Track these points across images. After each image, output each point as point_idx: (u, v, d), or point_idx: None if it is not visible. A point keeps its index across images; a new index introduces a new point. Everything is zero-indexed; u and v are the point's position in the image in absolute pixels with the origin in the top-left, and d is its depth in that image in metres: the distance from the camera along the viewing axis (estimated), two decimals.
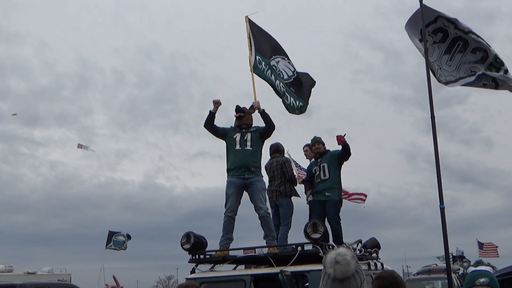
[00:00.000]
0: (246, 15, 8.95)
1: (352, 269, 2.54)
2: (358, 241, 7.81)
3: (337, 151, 8.24)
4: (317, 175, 8.20)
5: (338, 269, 2.53)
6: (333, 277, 2.55)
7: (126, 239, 24.52)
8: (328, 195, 7.99)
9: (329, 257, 2.59)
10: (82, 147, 21.67)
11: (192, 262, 6.99)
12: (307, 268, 6.25)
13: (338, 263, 2.54)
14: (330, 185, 8.05)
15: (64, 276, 21.85)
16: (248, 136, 7.54)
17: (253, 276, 6.35)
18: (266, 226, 7.21)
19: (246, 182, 7.34)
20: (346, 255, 2.55)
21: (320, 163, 8.26)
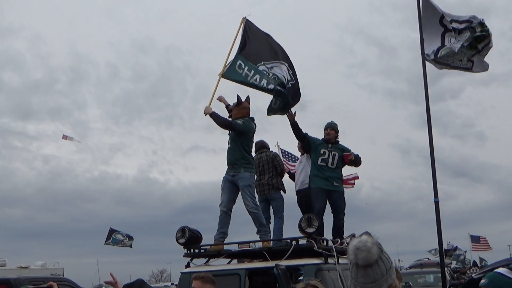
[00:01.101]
0: (244, 16, 8.62)
1: (374, 255, 2.52)
2: (351, 235, 7.83)
3: (347, 149, 8.10)
4: (325, 158, 7.93)
5: (360, 256, 2.52)
6: (355, 264, 2.55)
7: (126, 239, 24.95)
8: (337, 185, 7.88)
9: (351, 244, 2.59)
10: (67, 138, 21.55)
11: (187, 256, 7.00)
12: (302, 262, 6.28)
13: (359, 249, 2.53)
14: (338, 176, 7.97)
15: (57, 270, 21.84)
16: (231, 133, 7.60)
17: (248, 270, 6.37)
18: (257, 222, 7.23)
19: (233, 179, 7.39)
20: (367, 242, 2.54)
21: (331, 149, 8.01)
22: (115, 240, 24.99)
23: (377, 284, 2.53)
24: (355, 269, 2.57)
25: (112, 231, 25.21)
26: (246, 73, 8.18)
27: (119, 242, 25.05)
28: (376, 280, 2.53)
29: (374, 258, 2.53)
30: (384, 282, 2.53)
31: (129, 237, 25.37)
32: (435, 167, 8.75)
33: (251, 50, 8.43)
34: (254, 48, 8.48)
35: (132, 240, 25.47)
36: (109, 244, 24.98)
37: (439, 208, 8.54)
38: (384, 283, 2.54)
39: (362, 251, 2.52)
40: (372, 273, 2.53)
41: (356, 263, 2.55)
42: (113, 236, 25.06)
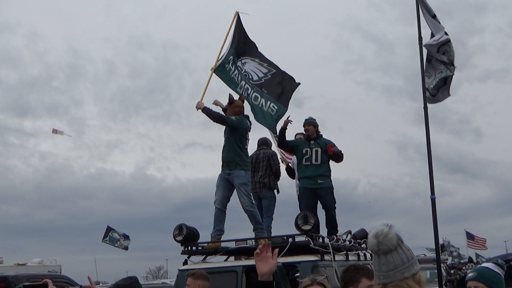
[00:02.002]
0: (237, 11, 8.79)
1: (392, 240, 2.57)
2: (347, 232, 7.87)
3: (329, 142, 8.10)
4: (308, 157, 7.97)
5: (380, 241, 2.57)
6: (376, 251, 2.60)
7: (122, 238, 24.98)
8: (321, 182, 7.89)
9: (370, 234, 2.64)
10: (58, 132, 21.51)
11: (185, 253, 7.04)
12: (298, 259, 6.31)
13: (378, 236, 2.58)
14: (323, 172, 7.95)
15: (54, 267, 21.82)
16: (226, 131, 7.62)
17: (244, 267, 6.39)
18: (253, 220, 7.27)
19: (229, 177, 7.40)
20: (384, 228, 2.60)
21: (312, 146, 8.02)
22: (112, 238, 25.06)
23: (399, 271, 2.56)
24: (376, 258, 2.62)
25: (109, 229, 25.28)
26: (230, 68, 8.48)
27: (115, 241, 25.11)
28: (397, 267, 2.56)
29: (393, 243, 2.57)
30: (406, 270, 2.55)
31: (125, 237, 25.40)
32: (432, 164, 8.78)
33: (238, 46, 8.70)
34: (240, 44, 8.77)
35: (129, 240, 25.48)
36: (106, 242, 25.06)
37: (435, 205, 8.58)
38: (406, 271, 2.55)
39: (381, 237, 2.57)
40: (393, 260, 2.56)
41: (377, 251, 2.60)
42: (110, 234, 25.13)
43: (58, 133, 21.52)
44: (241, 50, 8.78)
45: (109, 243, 25.05)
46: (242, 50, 8.81)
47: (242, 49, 8.80)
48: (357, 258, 7.11)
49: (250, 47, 8.97)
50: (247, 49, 8.89)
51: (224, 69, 8.36)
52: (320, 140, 8.12)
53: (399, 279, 2.55)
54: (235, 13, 8.74)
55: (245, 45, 8.87)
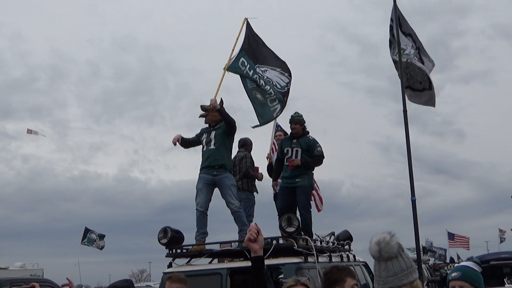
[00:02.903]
0: (245, 17, 9.08)
1: (394, 248, 2.65)
2: (331, 233, 7.94)
3: (314, 143, 7.94)
4: (288, 157, 7.87)
5: (381, 249, 2.65)
6: (377, 258, 2.68)
7: (97, 239, 24.86)
8: (298, 180, 7.79)
9: (372, 241, 2.71)
10: (32, 132, 21.36)
11: (169, 256, 7.05)
12: (282, 261, 6.39)
13: (380, 243, 2.66)
14: (301, 172, 7.84)
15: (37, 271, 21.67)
16: (212, 134, 7.59)
17: (229, 270, 6.45)
18: (239, 221, 7.30)
19: (215, 178, 7.41)
20: (386, 236, 2.68)
21: (294, 146, 7.89)
22: (90, 239, 24.96)
23: (398, 278, 2.65)
24: (377, 264, 2.71)
25: (87, 230, 25.18)
26: (247, 71, 8.64)
27: (92, 241, 25.01)
28: (396, 273, 2.65)
29: (395, 251, 2.66)
30: (404, 277, 2.65)
31: (101, 237, 25.26)
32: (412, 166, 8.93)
33: (252, 51, 8.86)
34: (253, 50, 8.93)
35: (103, 240, 25.35)
36: (84, 244, 24.93)
37: (416, 206, 8.72)
38: (404, 278, 2.65)
39: (383, 244, 2.65)
40: (393, 267, 2.65)
41: (378, 257, 2.68)
42: (88, 235, 25.01)
43: (33, 133, 21.35)
44: (256, 56, 8.97)
45: (87, 244, 24.94)
46: (258, 57, 9.00)
47: (257, 56, 8.99)
48: (340, 259, 7.19)
49: (268, 55, 9.15)
50: (264, 58, 9.07)
51: (237, 66, 8.58)
52: (303, 139, 7.95)
53: (397, 286, 2.64)
54: (243, 20, 8.99)
55: (260, 53, 9.06)
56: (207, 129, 7.73)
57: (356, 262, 7.70)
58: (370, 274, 8.11)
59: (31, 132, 21.19)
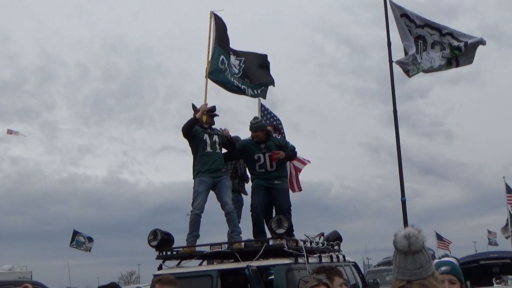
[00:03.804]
0: (211, 11, 8.69)
1: (421, 242, 2.78)
2: (320, 234, 7.95)
3: (284, 141, 7.92)
4: (261, 164, 7.65)
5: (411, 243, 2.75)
6: (405, 251, 2.78)
7: (86, 241, 24.79)
8: (278, 183, 7.68)
9: (399, 234, 2.81)
10: (12, 132, 21.25)
11: (159, 258, 7.03)
12: (273, 262, 6.39)
13: (409, 237, 2.76)
14: (278, 175, 7.71)
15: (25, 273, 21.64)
16: (216, 138, 7.57)
17: (219, 271, 6.43)
18: (232, 222, 7.30)
19: (215, 180, 7.41)
20: (414, 230, 2.79)
21: (264, 151, 7.63)
22: (78, 242, 24.89)
23: (424, 270, 2.79)
24: (403, 257, 2.81)
25: (76, 233, 25.11)
26: (226, 68, 8.51)
27: (81, 244, 24.95)
28: (423, 266, 2.79)
29: (422, 245, 2.79)
30: (428, 269, 2.80)
31: (89, 239, 25.21)
32: (402, 167, 8.98)
33: (224, 43, 8.69)
34: (225, 41, 8.76)
35: (92, 242, 25.31)
36: (73, 246, 24.86)
37: (405, 206, 8.78)
38: (428, 270, 2.80)
39: (411, 238, 2.76)
40: (419, 259, 2.78)
41: (407, 251, 2.78)
42: (76, 237, 24.94)
43: (13, 134, 21.24)
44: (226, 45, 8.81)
45: (75, 247, 24.87)
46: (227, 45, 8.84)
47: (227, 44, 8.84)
48: (330, 260, 7.21)
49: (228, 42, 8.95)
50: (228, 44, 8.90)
51: (217, 71, 8.40)
52: (270, 142, 7.71)
53: (423, 277, 2.78)
54: (210, 13, 8.68)
55: (225, 40, 8.86)
56: (206, 131, 7.61)
57: (345, 263, 7.73)
58: (360, 274, 8.15)
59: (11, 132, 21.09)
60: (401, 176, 9.01)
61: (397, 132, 9.04)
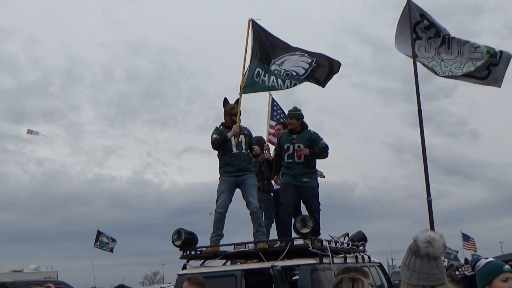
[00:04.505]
0: (250, 18, 8.34)
1: (443, 248, 2.75)
2: (345, 234, 7.88)
3: (316, 136, 7.68)
4: (289, 154, 7.57)
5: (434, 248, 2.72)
6: (427, 256, 2.74)
7: (110, 241, 24.97)
8: (306, 180, 7.56)
9: (422, 237, 2.77)
10: (32, 132, 21.43)
11: (183, 258, 7.03)
12: (297, 262, 6.34)
13: (431, 242, 2.72)
14: (307, 170, 7.59)
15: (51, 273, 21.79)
16: (242, 138, 7.52)
17: (244, 271, 6.40)
18: (256, 222, 7.26)
19: (238, 179, 7.39)
20: (436, 235, 2.76)
21: (294, 141, 7.58)
22: (102, 242, 25.07)
23: (445, 274, 2.79)
24: (426, 262, 2.76)
25: (99, 233, 25.29)
26: (263, 79, 8.18)
27: (104, 244, 25.12)
28: (443, 271, 2.79)
29: (443, 250, 2.77)
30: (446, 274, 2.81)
31: (113, 240, 25.38)
32: (427, 166, 8.85)
33: (263, 52, 8.34)
34: (266, 49, 8.40)
35: (115, 242, 25.48)
36: (97, 247, 25.06)
37: (431, 207, 8.65)
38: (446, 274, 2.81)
39: (434, 243, 2.73)
40: (441, 264, 2.79)
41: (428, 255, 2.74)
42: (100, 238, 25.12)
43: (33, 134, 21.44)
44: (269, 53, 8.41)
45: (99, 247, 25.06)
46: (271, 53, 8.43)
47: (270, 52, 8.43)
48: (355, 260, 7.14)
49: (280, 45, 8.54)
50: (277, 49, 8.47)
51: (252, 84, 8.12)
52: (304, 133, 7.66)
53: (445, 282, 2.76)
54: (248, 21, 8.32)
55: (272, 46, 8.47)
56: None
57: (371, 263, 7.64)
58: (385, 275, 8.05)
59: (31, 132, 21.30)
60: (426, 176, 8.88)
61: (421, 131, 8.91)
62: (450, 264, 28.61)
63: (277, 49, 8.43)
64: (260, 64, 8.23)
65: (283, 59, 8.37)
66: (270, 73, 8.25)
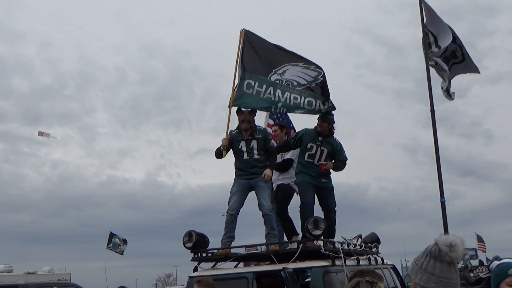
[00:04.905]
0: (242, 29, 7.95)
1: (463, 253, 2.69)
2: (358, 236, 7.82)
3: (340, 147, 7.67)
4: (311, 154, 7.53)
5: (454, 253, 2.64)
6: (448, 261, 2.66)
7: (121, 243, 25.01)
8: (325, 181, 7.59)
9: (444, 241, 2.68)
10: (44, 134, 21.51)
11: (194, 260, 7.00)
12: (309, 264, 6.29)
13: (454, 247, 2.64)
14: (326, 173, 7.61)
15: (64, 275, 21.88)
16: (254, 144, 7.44)
17: (255, 273, 6.36)
18: (268, 224, 7.20)
19: (251, 182, 7.35)
20: (458, 239, 2.67)
21: (319, 144, 7.54)
22: (114, 244, 25.11)
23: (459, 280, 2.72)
24: (446, 267, 2.68)
25: (112, 235, 25.31)
26: (258, 90, 7.79)
27: (117, 246, 25.17)
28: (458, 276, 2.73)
29: (462, 256, 2.71)
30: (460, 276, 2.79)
31: (124, 241, 25.39)
32: (440, 168, 8.78)
33: (257, 63, 7.95)
34: (263, 59, 7.98)
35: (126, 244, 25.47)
36: (110, 248, 25.08)
37: (445, 208, 8.58)
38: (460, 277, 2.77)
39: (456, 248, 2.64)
40: (455, 270, 2.70)
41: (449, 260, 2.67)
42: (113, 240, 25.17)
43: (44, 135, 21.53)
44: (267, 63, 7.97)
45: (112, 249, 25.10)
46: (270, 62, 7.98)
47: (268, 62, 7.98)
48: (368, 262, 7.06)
49: (281, 54, 8.03)
50: (278, 58, 8.00)
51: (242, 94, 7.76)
52: (330, 140, 7.64)
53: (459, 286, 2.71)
54: (240, 31, 7.93)
55: (271, 55, 8.02)
56: (243, 138, 7.50)
57: (384, 265, 7.57)
58: (399, 277, 7.97)
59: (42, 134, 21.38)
60: (440, 177, 8.81)
61: (434, 130, 8.85)
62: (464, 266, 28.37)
63: (278, 58, 8.00)
64: (254, 76, 7.86)
65: (285, 68, 7.95)
66: (269, 83, 7.84)
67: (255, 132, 7.54)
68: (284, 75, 7.93)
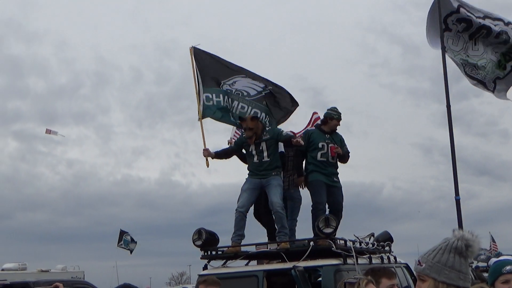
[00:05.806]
0: (191, 46, 8.32)
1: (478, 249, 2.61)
2: (370, 235, 7.73)
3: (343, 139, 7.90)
4: (324, 153, 7.64)
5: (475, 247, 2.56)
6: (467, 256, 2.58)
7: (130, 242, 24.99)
8: (336, 180, 7.73)
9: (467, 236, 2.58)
10: (51, 132, 21.54)
11: (204, 258, 6.96)
12: (320, 263, 6.22)
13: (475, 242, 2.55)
14: (336, 171, 7.78)
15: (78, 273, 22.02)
16: (263, 145, 7.40)
17: (265, 272, 6.30)
18: (279, 222, 7.13)
19: (263, 181, 7.31)
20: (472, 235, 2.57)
21: (328, 141, 7.69)
22: (126, 241, 25.08)
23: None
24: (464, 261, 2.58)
25: (123, 233, 25.23)
26: (217, 100, 8.16)
27: (127, 244, 25.14)
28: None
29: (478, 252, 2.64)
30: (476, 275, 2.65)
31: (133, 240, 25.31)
32: (456, 164, 8.64)
33: (209, 76, 8.29)
34: (212, 72, 8.33)
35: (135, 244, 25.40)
36: (121, 246, 25.03)
37: (460, 206, 8.44)
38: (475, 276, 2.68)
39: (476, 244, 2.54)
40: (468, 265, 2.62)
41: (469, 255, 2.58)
42: (124, 237, 25.13)
43: (52, 133, 21.57)
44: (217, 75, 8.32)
45: (123, 246, 25.05)
46: (220, 74, 8.33)
47: (219, 74, 8.33)
48: (380, 261, 6.96)
49: (230, 67, 8.38)
50: (227, 70, 8.35)
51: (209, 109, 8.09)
52: (336, 135, 7.85)
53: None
54: (190, 49, 8.30)
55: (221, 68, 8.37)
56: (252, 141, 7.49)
57: (397, 264, 7.45)
58: (412, 276, 7.84)
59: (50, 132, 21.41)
60: (455, 175, 8.65)
61: (450, 127, 8.69)
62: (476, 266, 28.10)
63: (227, 71, 8.35)
64: (208, 89, 8.19)
65: (234, 80, 8.31)
66: (223, 92, 8.22)
67: (263, 133, 7.50)
68: (234, 85, 8.30)
